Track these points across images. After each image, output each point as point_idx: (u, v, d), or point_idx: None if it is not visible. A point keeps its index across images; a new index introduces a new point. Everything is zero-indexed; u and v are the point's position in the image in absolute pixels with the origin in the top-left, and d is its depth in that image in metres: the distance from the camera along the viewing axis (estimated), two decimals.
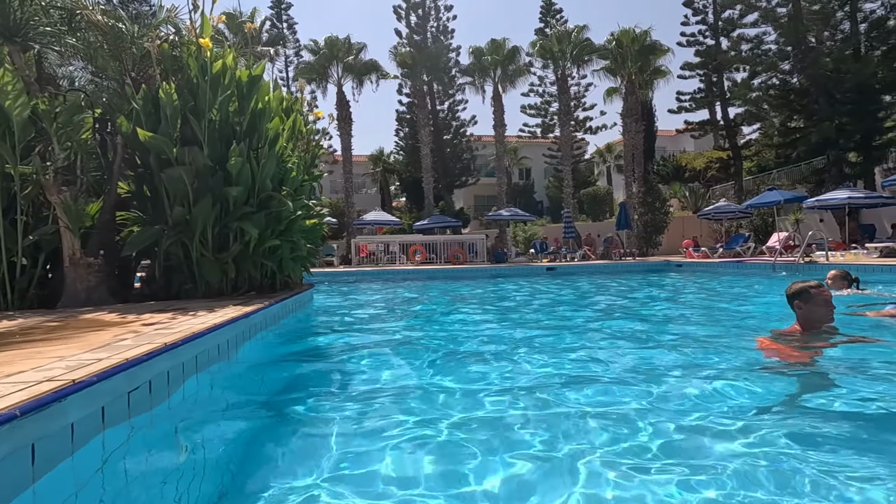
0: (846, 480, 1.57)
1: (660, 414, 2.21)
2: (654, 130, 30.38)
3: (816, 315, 2.92)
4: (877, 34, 17.23)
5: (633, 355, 3.53)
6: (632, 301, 7.55)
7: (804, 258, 11.67)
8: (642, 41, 21.75)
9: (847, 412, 2.22)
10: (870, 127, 17.08)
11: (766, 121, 21.41)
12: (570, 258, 17.72)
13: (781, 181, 20.73)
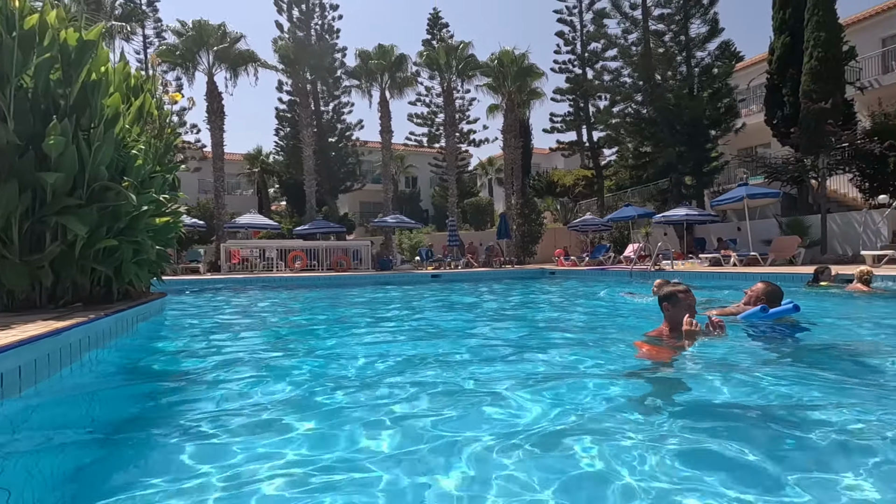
0: (709, 471, 1.59)
1: (539, 410, 2.14)
2: (531, 147, 32.61)
3: (681, 317, 3.15)
4: (706, 78, 20.40)
5: (510, 357, 3.50)
6: (513, 304, 7.79)
7: (654, 266, 13.19)
8: (520, 63, 23.20)
9: (706, 403, 2.35)
10: (700, 156, 20.10)
11: (622, 145, 24.12)
12: (455, 266, 18.06)
13: (635, 199, 23.46)
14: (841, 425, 2.01)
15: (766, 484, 1.56)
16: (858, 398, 2.41)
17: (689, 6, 20.13)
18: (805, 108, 15.45)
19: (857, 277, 6.94)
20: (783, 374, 2.88)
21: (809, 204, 16.95)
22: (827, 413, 2.18)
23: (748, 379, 2.71)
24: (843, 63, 15.77)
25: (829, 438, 1.87)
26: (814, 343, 3.69)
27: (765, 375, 2.78)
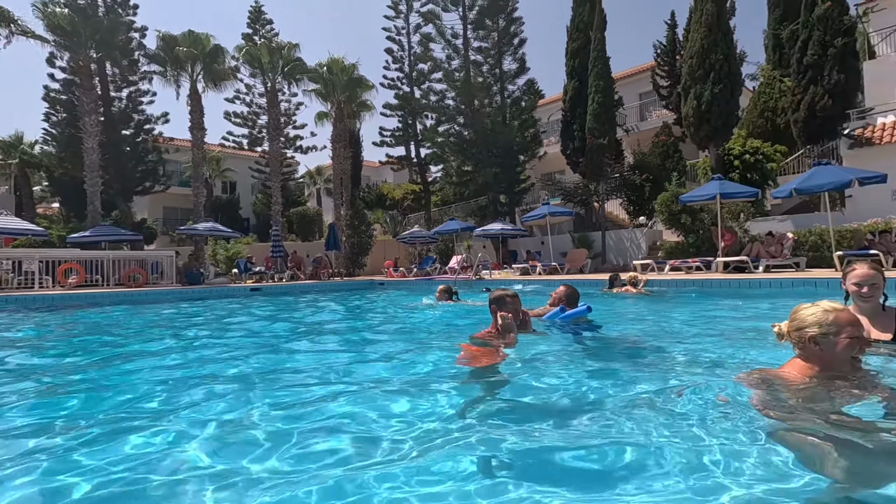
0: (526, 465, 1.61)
1: (365, 419, 1.96)
2: (361, 159, 32.58)
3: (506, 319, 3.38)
4: (516, 109, 23.07)
5: (332, 368, 3.26)
6: (338, 316, 7.46)
7: (476, 276, 14.18)
8: (350, 73, 23.05)
9: (524, 396, 2.46)
10: (512, 177, 22.56)
11: (447, 163, 25.71)
12: (279, 278, 16.81)
13: (459, 213, 25.15)
14: (631, 401, 2.29)
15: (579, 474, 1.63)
16: (640, 378, 2.79)
17: (502, 44, 22.58)
18: (589, 142, 18.53)
19: (627, 281, 8.45)
20: (584, 365, 3.22)
21: (593, 222, 20.31)
22: (617, 391, 2.47)
23: (558, 371, 2.95)
24: (614, 109, 19.40)
25: (625, 416, 2.09)
26: (606, 336, 4.28)
27: (571, 367, 3.06)
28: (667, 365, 3.21)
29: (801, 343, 2.01)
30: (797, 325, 2.03)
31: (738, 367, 2.97)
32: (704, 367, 3.12)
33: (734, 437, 1.81)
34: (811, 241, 12.41)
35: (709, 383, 2.58)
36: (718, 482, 1.51)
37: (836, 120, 15.00)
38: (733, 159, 15.53)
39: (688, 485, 1.51)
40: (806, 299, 2.18)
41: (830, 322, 1.93)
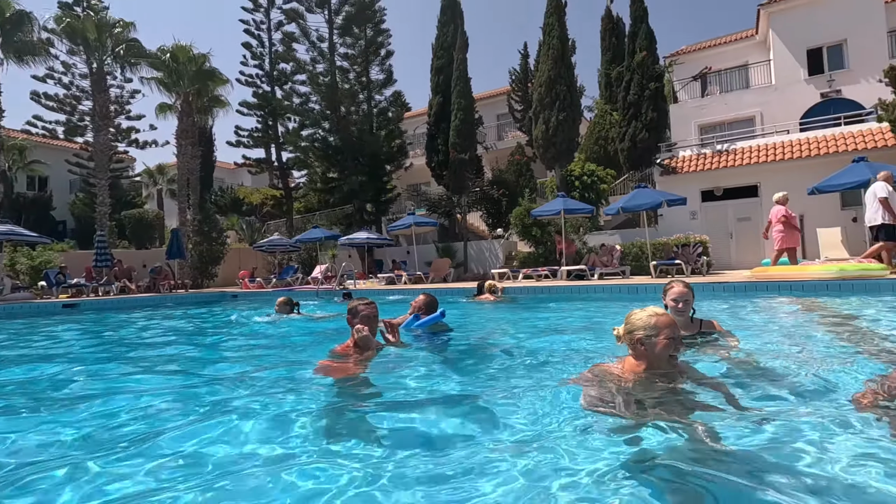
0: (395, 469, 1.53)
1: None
2: (213, 159, 29.67)
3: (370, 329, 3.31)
4: (383, 119, 23.14)
5: (164, 394, 2.82)
6: (171, 335, 6.57)
7: (340, 286, 13.75)
8: (200, 64, 20.93)
9: (389, 407, 2.36)
10: (378, 186, 22.52)
11: (312, 169, 24.70)
12: (104, 292, 14.37)
13: (323, 221, 24.26)
14: (488, 400, 2.33)
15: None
16: (496, 376, 2.89)
17: (370, 53, 22.53)
18: (452, 156, 19.36)
19: (486, 289, 8.91)
20: (440, 370, 3.24)
21: (456, 233, 21.20)
22: (469, 392, 2.51)
23: (414, 378, 2.92)
24: (475, 127, 20.59)
25: (486, 413, 2.12)
26: (462, 341, 4.40)
27: (431, 374, 3.05)
28: (513, 366, 3.39)
29: (632, 344, 2.28)
30: (629, 328, 2.30)
31: (580, 364, 3.25)
32: (552, 365, 3.36)
33: (566, 431, 1.93)
34: (633, 253, 14.50)
35: (553, 381, 2.77)
36: (551, 477, 1.59)
37: (652, 151, 17.86)
38: (574, 179, 17.52)
39: (521, 483, 1.56)
40: (631, 303, 2.47)
41: (653, 325, 2.21)
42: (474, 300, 8.95)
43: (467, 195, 20.01)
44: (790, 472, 1.54)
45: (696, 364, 2.61)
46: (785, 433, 1.84)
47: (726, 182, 16.02)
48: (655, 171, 17.23)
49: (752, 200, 15.74)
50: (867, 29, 17.68)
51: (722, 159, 16.21)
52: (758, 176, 15.56)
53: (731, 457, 1.65)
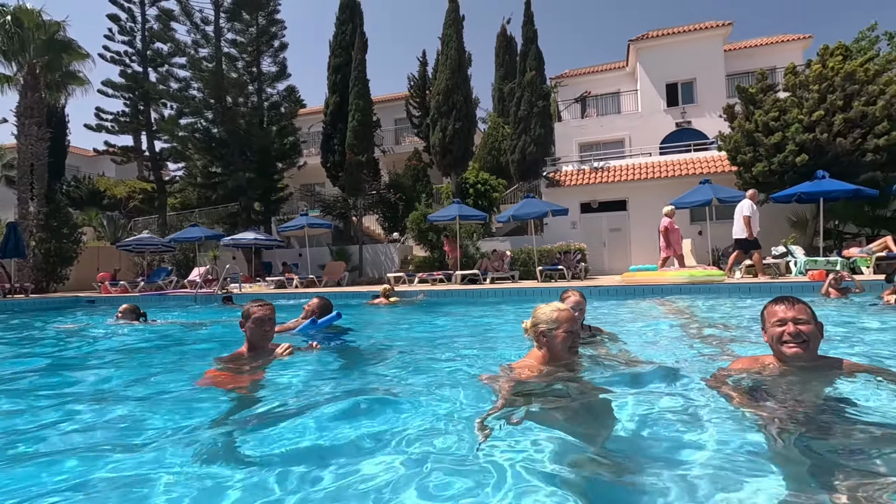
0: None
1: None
2: (67, 144, 25.65)
3: (256, 335, 3.09)
4: (275, 114, 21.92)
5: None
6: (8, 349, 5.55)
7: (221, 290, 12.69)
8: (52, 32, 18.06)
9: (279, 417, 2.21)
10: (268, 184, 21.27)
11: (191, 161, 22.54)
12: None
13: (203, 220, 22.24)
14: (394, 401, 2.30)
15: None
16: (397, 376, 2.87)
17: (261, 43, 21.24)
18: (349, 157, 18.96)
19: (382, 294, 8.82)
20: (337, 374, 3.14)
21: (352, 236, 20.76)
22: (379, 394, 2.46)
23: (318, 382, 2.78)
24: (373, 129, 20.38)
25: (365, 416, 2.08)
26: (366, 342, 4.30)
27: (333, 377, 2.93)
28: (413, 366, 3.40)
29: (536, 336, 2.45)
30: (534, 322, 2.47)
31: (476, 363, 3.35)
32: (450, 364, 3.42)
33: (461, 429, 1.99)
34: (522, 258, 15.41)
35: (453, 380, 2.82)
36: (459, 473, 1.61)
37: (539, 164, 19.16)
38: (469, 187, 18.15)
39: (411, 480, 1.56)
40: (521, 305, 2.62)
41: (554, 319, 2.39)
42: (371, 304, 8.82)
43: (364, 198, 19.72)
44: (667, 441, 1.76)
45: (590, 361, 2.87)
46: (662, 410, 2.11)
47: (601, 196, 17.75)
48: (542, 182, 18.51)
49: (622, 213, 17.62)
50: (711, 71, 20.84)
51: (597, 175, 17.93)
52: (626, 192, 17.46)
53: (624, 432, 1.90)
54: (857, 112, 11.91)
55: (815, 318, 2.07)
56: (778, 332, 2.07)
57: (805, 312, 2.05)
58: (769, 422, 1.81)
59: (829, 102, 12.34)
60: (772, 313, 2.13)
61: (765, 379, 2.12)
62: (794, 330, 2.02)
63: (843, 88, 12.34)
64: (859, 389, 2.04)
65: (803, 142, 12.36)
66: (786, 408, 1.89)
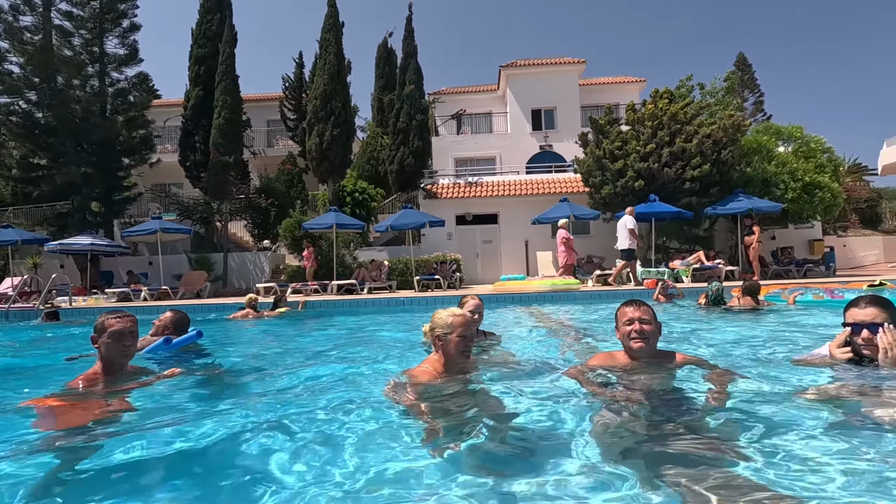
0: None
1: None
2: None
3: (113, 352, 2.68)
4: (122, 102, 19.23)
5: None
6: None
7: (44, 304, 10.68)
8: None
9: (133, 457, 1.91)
10: (111, 182, 18.53)
11: (5, 150, 18.70)
12: None
13: (20, 220, 18.52)
14: (241, 432, 2.12)
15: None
16: (271, 395, 2.66)
17: (106, 20, 18.57)
18: (213, 157, 17.37)
19: (247, 304, 8.13)
20: (196, 399, 2.82)
21: (215, 243, 18.96)
22: (228, 425, 2.25)
23: (181, 408, 2.46)
24: (242, 129, 18.96)
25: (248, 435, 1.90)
26: (229, 364, 3.91)
27: (183, 402, 2.61)
28: (288, 389, 3.19)
29: (434, 341, 2.52)
30: (432, 326, 2.54)
31: (359, 375, 3.26)
32: (328, 379, 3.28)
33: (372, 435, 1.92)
34: (399, 268, 15.51)
35: (330, 395, 2.71)
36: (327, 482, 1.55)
37: (417, 175, 19.55)
38: (346, 195, 17.80)
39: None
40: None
41: (449, 324, 2.48)
42: (234, 318, 8.08)
43: (230, 202, 18.16)
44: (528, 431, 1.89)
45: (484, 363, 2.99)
46: (544, 400, 2.33)
47: (475, 209, 18.69)
48: (420, 194, 18.90)
49: (493, 226, 18.73)
50: (568, 102, 23.33)
51: (472, 190, 18.87)
52: (498, 206, 18.64)
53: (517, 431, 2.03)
54: (678, 147, 14.27)
55: (656, 319, 2.44)
56: (627, 329, 2.44)
57: (648, 314, 2.42)
58: (618, 402, 2.13)
59: (659, 137, 14.60)
60: (623, 314, 2.50)
61: (616, 370, 2.45)
62: (639, 328, 2.36)
63: (669, 126, 14.69)
64: (685, 375, 2.45)
65: (640, 169, 14.43)
66: (632, 391, 2.21)
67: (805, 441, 1.75)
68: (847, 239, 25.38)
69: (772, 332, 4.83)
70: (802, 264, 14.69)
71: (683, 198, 14.39)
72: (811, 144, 15.42)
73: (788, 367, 2.69)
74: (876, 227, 31.21)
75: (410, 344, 4.58)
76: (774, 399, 2.21)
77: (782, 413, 2.03)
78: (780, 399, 2.20)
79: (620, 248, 12.09)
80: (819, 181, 14.31)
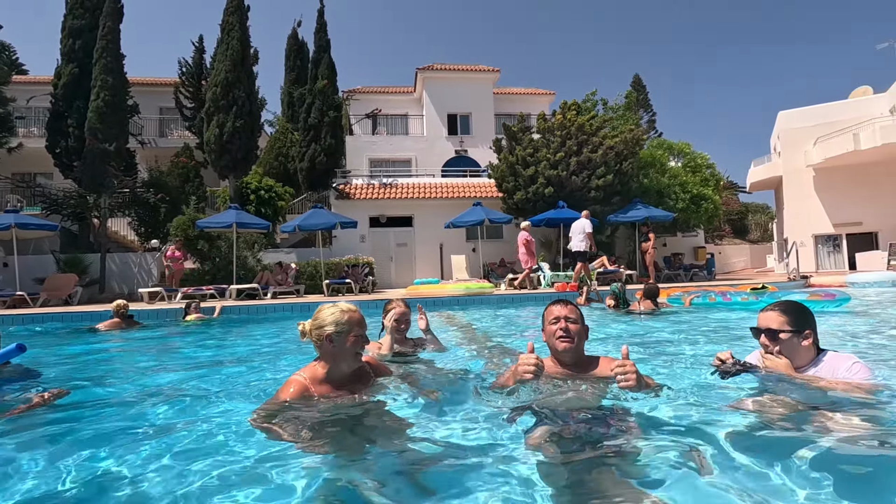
0: None
1: None
2: None
3: None
4: None
5: None
6: None
7: None
8: None
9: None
10: None
11: None
12: None
13: None
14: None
15: None
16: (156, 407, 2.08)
17: None
18: (90, 144, 15.23)
19: (115, 313, 6.96)
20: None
21: (91, 242, 16.62)
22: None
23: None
24: (127, 114, 16.85)
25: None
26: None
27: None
28: (162, 419, 2.60)
29: (320, 341, 2.13)
30: (318, 324, 2.14)
31: (251, 391, 2.75)
32: (210, 398, 2.73)
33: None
34: (308, 272, 14.63)
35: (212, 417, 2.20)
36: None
37: (330, 174, 18.68)
38: (250, 193, 16.50)
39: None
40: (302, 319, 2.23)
41: (345, 322, 2.12)
42: (100, 329, 6.87)
43: (111, 196, 16.00)
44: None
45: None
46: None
47: (389, 211, 18.24)
48: (332, 194, 18.07)
49: (408, 229, 18.41)
50: (484, 109, 23.74)
51: (386, 191, 18.41)
52: (412, 209, 18.36)
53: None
54: (585, 157, 14.99)
55: (583, 320, 2.26)
56: (552, 329, 2.24)
57: (575, 313, 2.24)
58: (536, 413, 1.98)
59: (568, 147, 15.24)
60: (549, 312, 2.30)
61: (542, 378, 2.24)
62: (565, 326, 2.19)
63: (576, 137, 15.39)
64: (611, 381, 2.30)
65: (550, 176, 14.94)
66: (549, 400, 2.07)
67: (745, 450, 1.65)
68: (722, 247, 28.56)
69: (672, 334, 5.01)
70: (690, 269, 16.11)
71: (589, 205, 15.11)
72: (697, 160, 17.00)
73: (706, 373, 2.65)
74: (744, 237, 35.53)
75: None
76: (705, 406, 2.12)
77: (717, 423, 1.93)
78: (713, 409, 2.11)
79: (574, 250, 12.04)
80: (704, 193, 15.79)
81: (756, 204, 38.52)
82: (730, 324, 5.58)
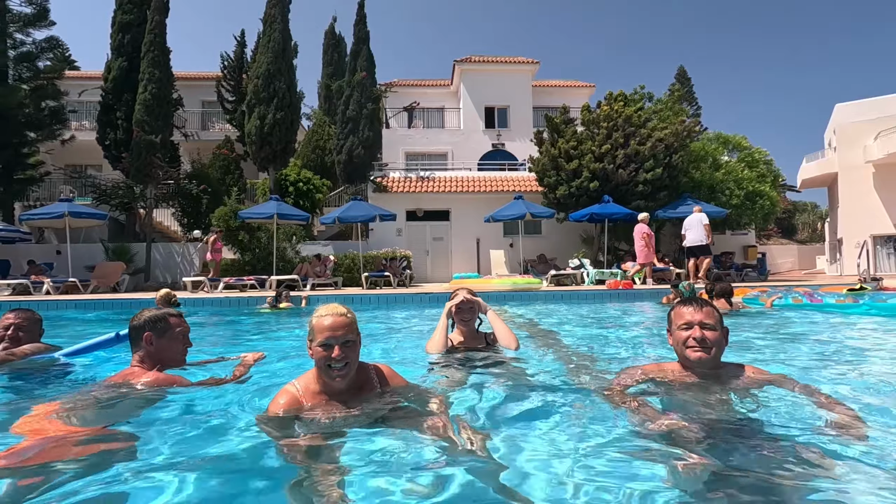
0: None
1: None
2: None
3: None
4: (27, 67, 16.86)
5: None
6: None
7: None
8: None
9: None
10: (12, 159, 16.18)
11: None
12: None
13: None
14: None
15: None
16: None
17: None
18: (137, 136, 15.58)
19: (159, 302, 6.88)
20: None
21: (136, 232, 17.07)
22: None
23: None
24: (172, 107, 17.17)
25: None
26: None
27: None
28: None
29: (310, 350, 1.87)
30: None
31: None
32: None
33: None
34: (346, 264, 14.57)
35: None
36: None
37: (367, 167, 18.60)
38: (289, 185, 16.58)
39: None
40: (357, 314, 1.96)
41: (311, 328, 1.86)
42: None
43: (156, 187, 16.36)
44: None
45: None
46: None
47: (426, 205, 18.03)
48: (369, 186, 17.99)
49: (444, 223, 18.15)
50: (522, 102, 23.20)
51: (423, 185, 18.20)
52: (449, 203, 18.08)
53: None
54: (632, 149, 14.35)
55: (722, 324, 1.89)
56: (683, 335, 1.90)
57: (712, 317, 1.87)
58: (669, 431, 1.58)
59: (614, 139, 14.62)
60: (679, 315, 1.95)
61: (668, 387, 1.88)
62: (700, 335, 1.85)
63: (623, 129, 14.75)
64: (763, 397, 1.92)
65: (595, 170, 14.38)
66: (687, 419, 1.66)
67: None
68: (768, 247, 27.17)
69: (766, 335, 4.54)
70: (741, 269, 15.27)
71: (635, 200, 14.48)
72: (755, 155, 16.07)
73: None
74: (792, 237, 33.78)
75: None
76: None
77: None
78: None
79: (693, 245, 11.50)
80: (761, 190, 14.91)
81: (804, 203, 36.60)
82: (844, 329, 4.90)
